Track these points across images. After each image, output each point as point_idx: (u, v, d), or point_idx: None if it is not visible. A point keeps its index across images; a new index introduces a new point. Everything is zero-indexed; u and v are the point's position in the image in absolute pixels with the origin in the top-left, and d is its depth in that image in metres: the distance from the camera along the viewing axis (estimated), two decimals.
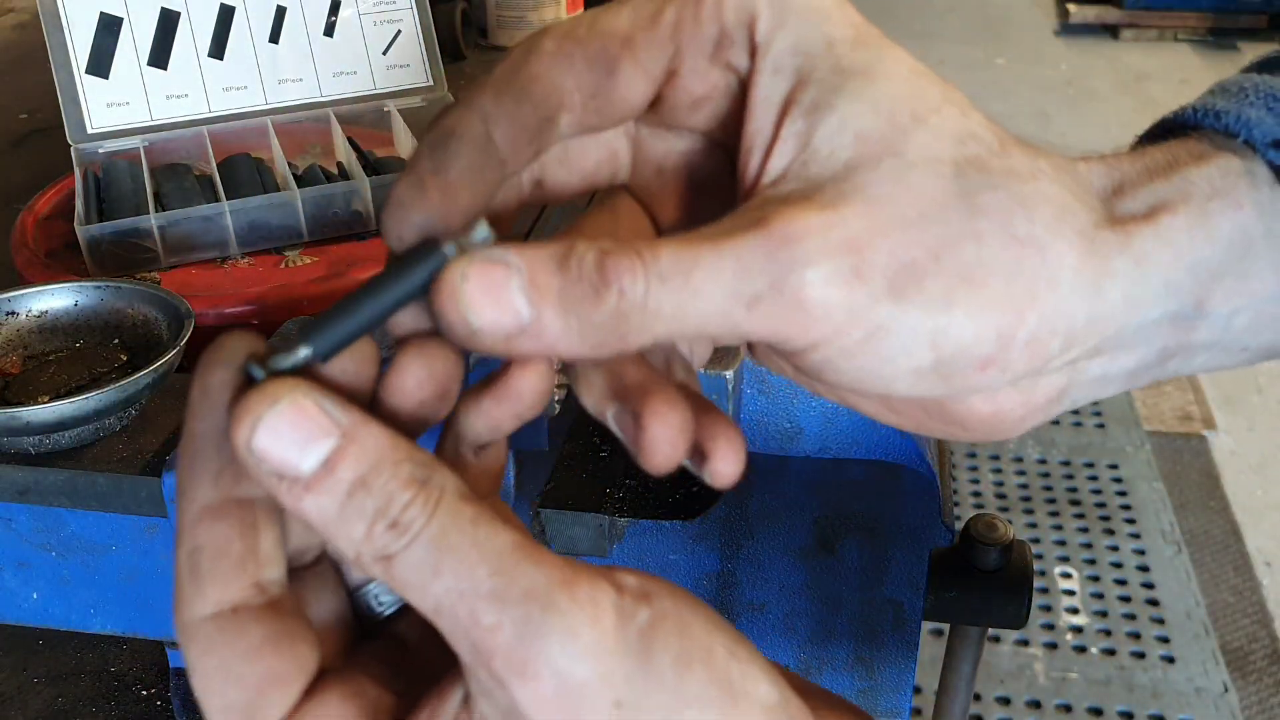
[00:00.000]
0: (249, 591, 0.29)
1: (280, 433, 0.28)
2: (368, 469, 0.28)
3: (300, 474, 0.28)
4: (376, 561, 0.28)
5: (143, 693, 0.71)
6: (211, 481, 0.29)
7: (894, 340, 0.30)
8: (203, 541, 0.29)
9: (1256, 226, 0.33)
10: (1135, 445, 2.65)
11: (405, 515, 0.28)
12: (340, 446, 0.28)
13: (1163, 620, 2.19)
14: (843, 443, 0.53)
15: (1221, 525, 2.44)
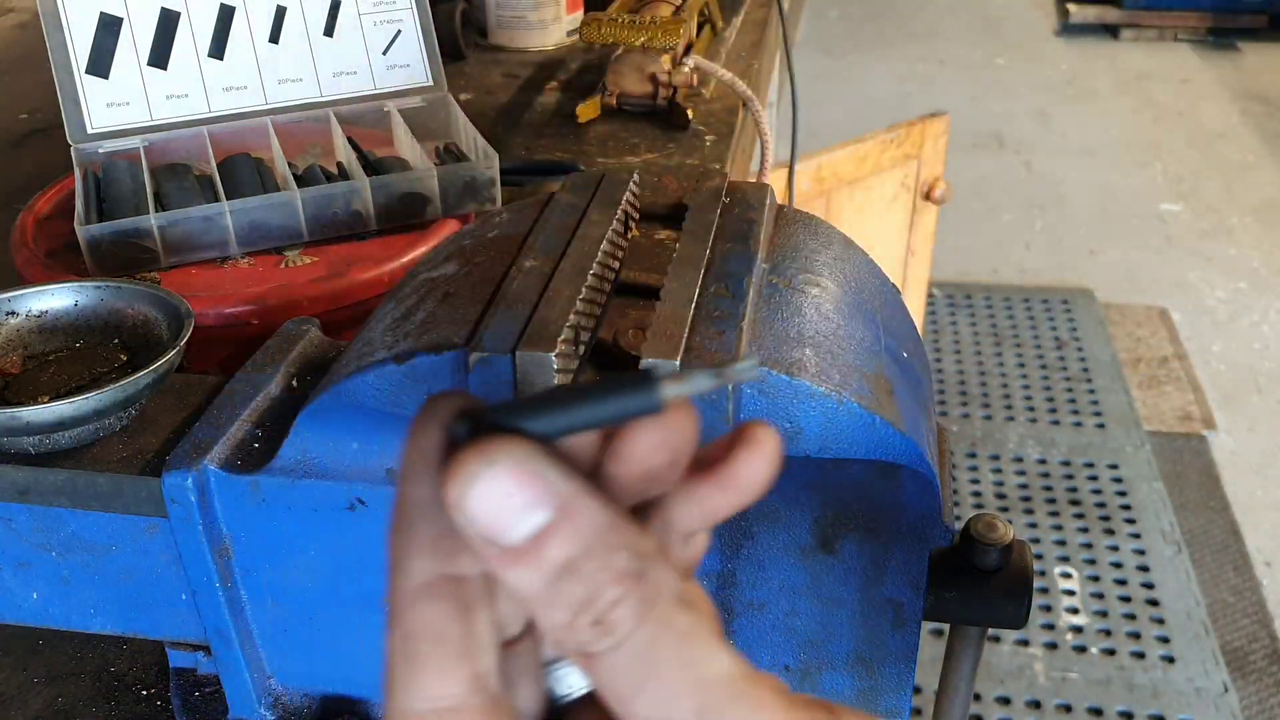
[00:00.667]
0: (465, 687, 0.27)
1: (493, 495, 0.25)
2: (580, 552, 0.25)
3: (509, 543, 0.25)
4: (577, 654, 0.26)
5: (143, 693, 0.71)
6: (429, 553, 0.27)
7: None
8: (419, 626, 0.26)
9: None
10: (1135, 445, 2.65)
11: (613, 614, 0.25)
12: (554, 521, 0.25)
13: (1163, 620, 2.19)
14: (843, 443, 0.53)
15: (1221, 525, 2.44)
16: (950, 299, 3.25)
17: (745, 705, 0.24)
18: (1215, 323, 3.15)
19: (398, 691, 0.27)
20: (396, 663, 0.27)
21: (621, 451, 0.28)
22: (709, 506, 0.29)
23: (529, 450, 0.26)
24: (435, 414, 0.27)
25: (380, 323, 0.58)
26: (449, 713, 0.26)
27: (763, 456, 0.28)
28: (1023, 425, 2.73)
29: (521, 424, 0.27)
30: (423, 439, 0.27)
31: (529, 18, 1.58)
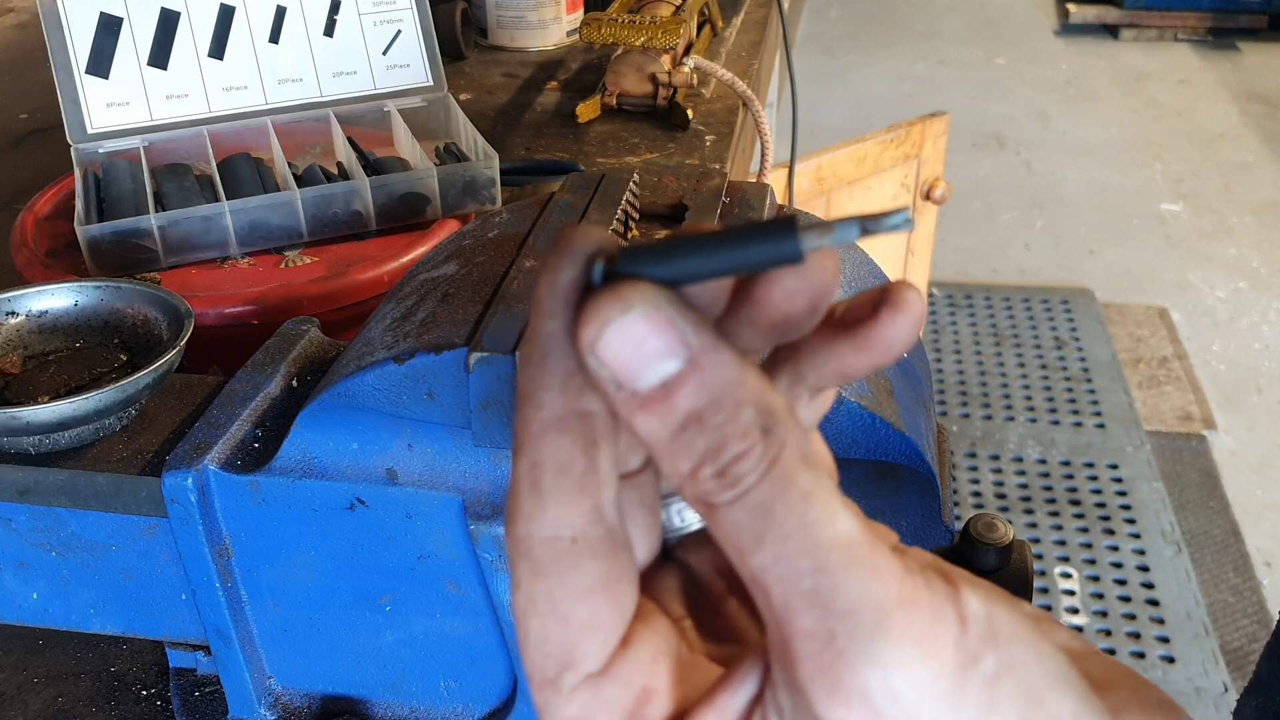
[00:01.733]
0: (588, 517, 0.27)
1: (626, 342, 0.25)
2: (707, 403, 0.25)
3: (638, 390, 0.26)
4: (697, 502, 0.26)
5: (143, 693, 0.71)
6: (559, 388, 0.27)
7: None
8: (546, 456, 0.27)
9: None
10: (1135, 445, 2.65)
11: (735, 468, 0.25)
12: (684, 372, 0.25)
13: (1163, 620, 2.19)
14: (843, 443, 0.53)
15: (1221, 525, 2.44)
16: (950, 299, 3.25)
17: (862, 569, 0.24)
18: (1215, 323, 3.15)
19: (520, 519, 0.27)
20: (522, 491, 0.27)
21: (759, 295, 0.28)
22: (845, 365, 0.29)
23: (664, 298, 0.26)
24: (573, 249, 0.27)
25: (380, 323, 0.58)
26: (569, 542, 0.27)
27: (910, 319, 0.28)
28: (1023, 425, 2.73)
29: (657, 269, 0.26)
30: (559, 274, 0.27)
31: (529, 18, 1.58)
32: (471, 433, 0.53)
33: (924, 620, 0.24)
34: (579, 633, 0.27)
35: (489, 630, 0.60)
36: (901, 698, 0.23)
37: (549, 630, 0.27)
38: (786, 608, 0.24)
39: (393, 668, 0.63)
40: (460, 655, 0.61)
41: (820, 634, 0.24)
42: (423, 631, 0.61)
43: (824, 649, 0.24)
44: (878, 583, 0.24)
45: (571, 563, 0.27)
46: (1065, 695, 0.25)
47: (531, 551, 0.27)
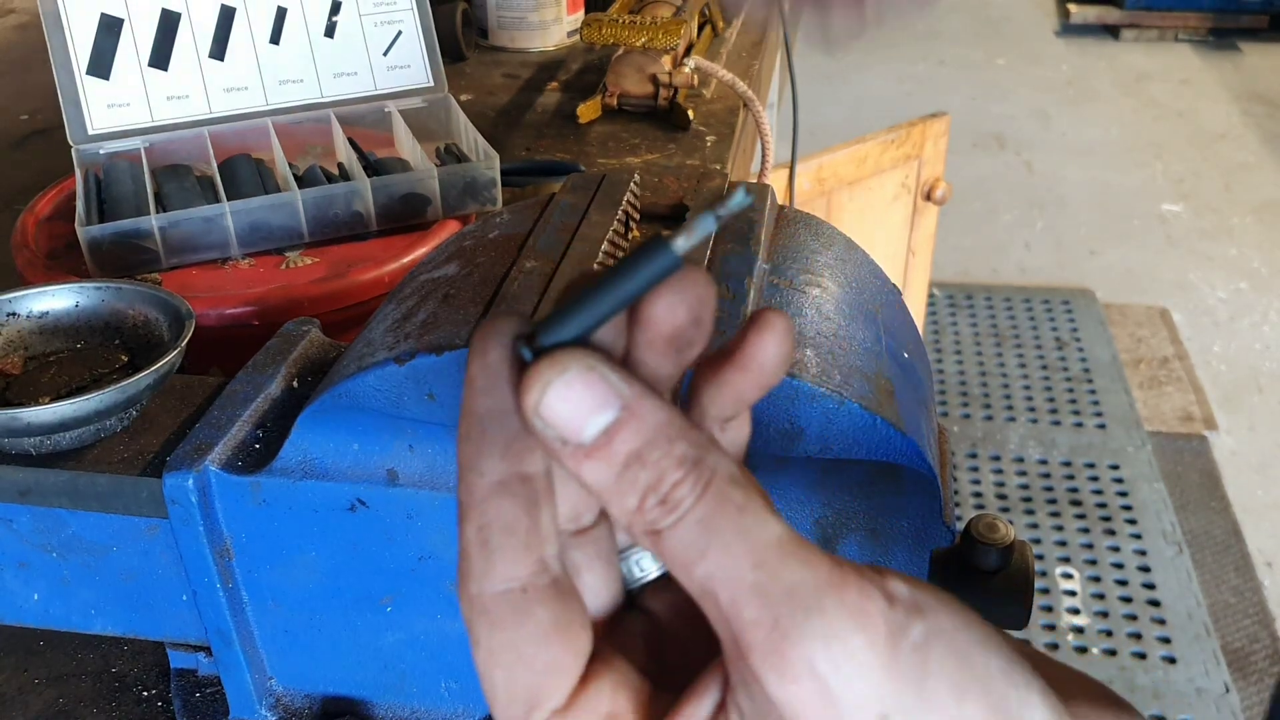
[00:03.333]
0: (535, 568, 0.30)
1: (567, 399, 0.28)
2: (643, 444, 0.28)
3: (581, 441, 0.28)
4: (646, 534, 0.29)
5: (144, 694, 0.71)
6: (500, 455, 0.30)
7: None
8: (491, 518, 0.30)
9: None
10: (1136, 446, 2.65)
11: (675, 494, 0.28)
12: (620, 419, 0.28)
13: (1164, 621, 2.19)
14: (843, 443, 0.53)
15: (1222, 526, 2.44)
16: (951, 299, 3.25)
17: (795, 560, 0.27)
18: (1216, 323, 3.15)
19: (473, 579, 0.30)
20: (472, 554, 0.30)
21: (646, 317, 0.31)
22: (736, 389, 0.32)
23: (594, 358, 0.29)
24: (494, 335, 0.30)
25: (381, 323, 0.58)
26: (519, 593, 0.30)
27: (774, 336, 0.31)
28: (1023, 425, 2.73)
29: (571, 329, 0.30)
30: (487, 355, 0.30)
31: (530, 18, 1.58)
32: None
33: (854, 598, 0.27)
34: (542, 674, 0.30)
35: None
36: (841, 667, 0.26)
37: (514, 676, 0.30)
38: (733, 603, 0.27)
39: (394, 668, 0.63)
40: (461, 656, 0.61)
41: (765, 620, 0.27)
42: (424, 632, 0.61)
43: (770, 633, 0.26)
44: (810, 571, 0.27)
45: (526, 611, 0.30)
46: (993, 654, 0.27)
47: (487, 607, 0.30)
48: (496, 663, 0.30)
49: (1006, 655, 0.27)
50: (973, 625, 0.28)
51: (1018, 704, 0.27)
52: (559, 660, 0.30)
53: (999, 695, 0.27)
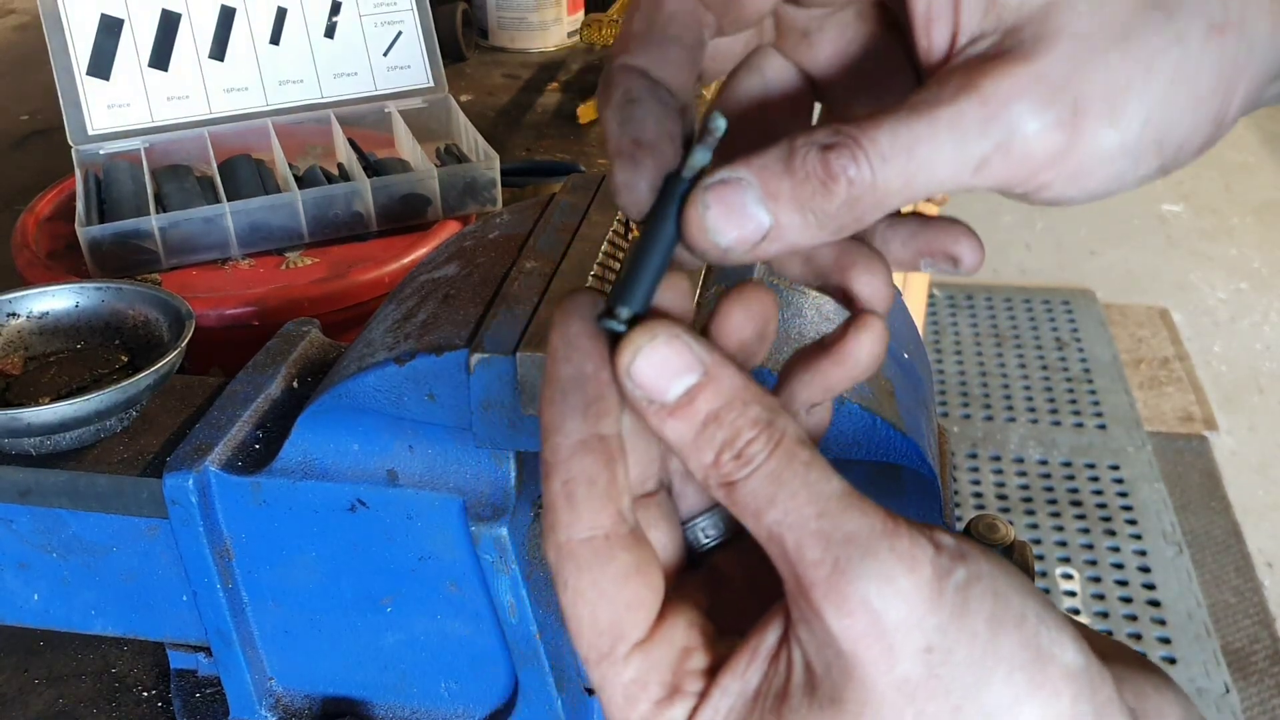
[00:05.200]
0: (615, 519, 0.33)
1: (654, 362, 0.32)
2: (721, 405, 0.32)
3: (666, 401, 0.32)
4: (720, 486, 0.32)
5: (143, 694, 0.71)
6: (581, 417, 0.33)
7: (1122, 159, 0.32)
8: (575, 473, 0.33)
9: None
10: (1136, 446, 2.65)
11: (749, 450, 0.31)
12: (701, 382, 0.32)
13: (1164, 621, 2.19)
14: (843, 443, 0.53)
15: (1223, 526, 2.44)
16: (951, 299, 3.25)
17: (855, 512, 0.30)
18: (1216, 323, 3.15)
19: (560, 528, 0.33)
20: (558, 506, 0.33)
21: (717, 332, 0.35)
22: (827, 380, 0.36)
23: (679, 328, 0.32)
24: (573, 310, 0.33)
25: (381, 324, 0.58)
26: (602, 539, 0.33)
27: (871, 336, 0.35)
28: (1024, 426, 2.73)
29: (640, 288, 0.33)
30: (569, 329, 0.33)
31: (530, 19, 1.58)
32: (472, 434, 0.53)
33: (905, 545, 0.30)
34: (624, 609, 0.33)
35: (490, 631, 0.60)
36: (892, 603, 0.29)
37: (599, 612, 0.33)
38: (798, 546, 0.30)
39: (393, 669, 0.63)
40: (461, 656, 0.61)
41: (826, 561, 0.30)
42: (424, 632, 0.61)
43: (830, 572, 0.29)
44: (867, 520, 0.30)
45: (609, 555, 0.33)
46: (1029, 600, 0.30)
47: (574, 552, 0.33)
48: (584, 601, 0.33)
49: (1042, 602, 0.30)
50: (1011, 574, 0.30)
51: (1048, 641, 0.30)
52: (639, 597, 0.33)
53: (1031, 632, 0.30)
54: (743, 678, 0.32)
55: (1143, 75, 0.31)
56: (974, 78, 0.32)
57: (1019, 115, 0.31)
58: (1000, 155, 0.32)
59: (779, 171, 0.32)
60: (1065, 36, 0.31)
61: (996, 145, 0.32)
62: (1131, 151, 0.32)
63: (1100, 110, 0.31)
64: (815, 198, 0.32)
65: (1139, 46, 0.31)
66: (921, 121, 0.32)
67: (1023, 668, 0.29)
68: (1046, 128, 0.31)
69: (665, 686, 0.33)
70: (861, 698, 0.30)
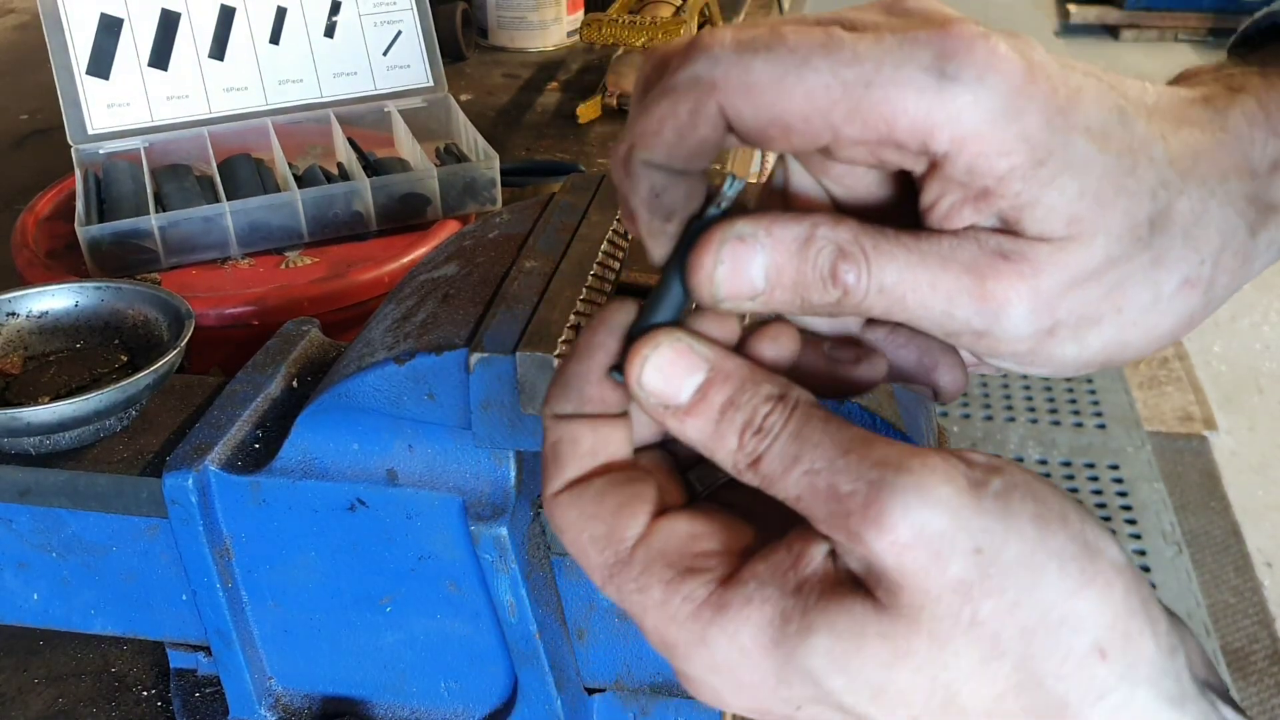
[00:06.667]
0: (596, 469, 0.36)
1: (662, 368, 0.34)
2: (733, 392, 0.33)
3: (680, 403, 0.34)
4: (748, 468, 0.33)
5: (143, 693, 0.71)
6: (574, 402, 0.36)
7: (1070, 368, 0.36)
8: (562, 435, 0.36)
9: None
10: (1136, 446, 2.65)
11: (768, 422, 0.33)
12: (710, 378, 0.34)
13: None
14: None
15: (1222, 526, 2.44)
16: None
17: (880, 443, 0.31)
18: (1216, 323, 3.15)
19: (549, 483, 0.36)
20: (547, 464, 0.36)
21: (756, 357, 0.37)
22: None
23: (680, 332, 0.34)
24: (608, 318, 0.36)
25: (381, 323, 0.58)
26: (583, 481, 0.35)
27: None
28: (1023, 426, 2.73)
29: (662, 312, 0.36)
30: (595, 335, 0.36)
31: (530, 18, 1.58)
32: (472, 433, 0.53)
33: (936, 460, 0.31)
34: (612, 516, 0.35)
35: (489, 631, 0.60)
36: (934, 510, 0.30)
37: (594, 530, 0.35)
38: (829, 485, 0.31)
39: (393, 668, 0.63)
40: (461, 656, 0.61)
41: (860, 487, 0.30)
42: (423, 632, 0.61)
43: (866, 496, 0.30)
44: (893, 448, 0.31)
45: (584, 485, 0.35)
46: (1067, 501, 0.31)
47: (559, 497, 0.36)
48: (577, 530, 0.35)
49: (1078, 504, 0.32)
50: (1045, 481, 0.32)
51: (1094, 537, 0.31)
52: (623, 500, 0.35)
53: (1076, 528, 0.31)
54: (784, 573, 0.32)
55: (1113, 314, 0.35)
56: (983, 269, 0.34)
57: (1006, 320, 0.35)
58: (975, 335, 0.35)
59: (792, 252, 0.34)
60: (1068, 269, 0.34)
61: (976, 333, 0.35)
62: (1082, 364, 0.36)
63: (1069, 333, 0.35)
64: (810, 289, 0.34)
65: (1119, 289, 0.35)
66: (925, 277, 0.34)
67: (1074, 559, 0.30)
68: (1024, 336, 0.35)
69: (674, 566, 0.34)
70: (919, 603, 0.30)
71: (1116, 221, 0.34)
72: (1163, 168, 0.36)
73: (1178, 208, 0.35)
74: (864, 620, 0.31)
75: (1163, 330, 0.36)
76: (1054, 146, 0.33)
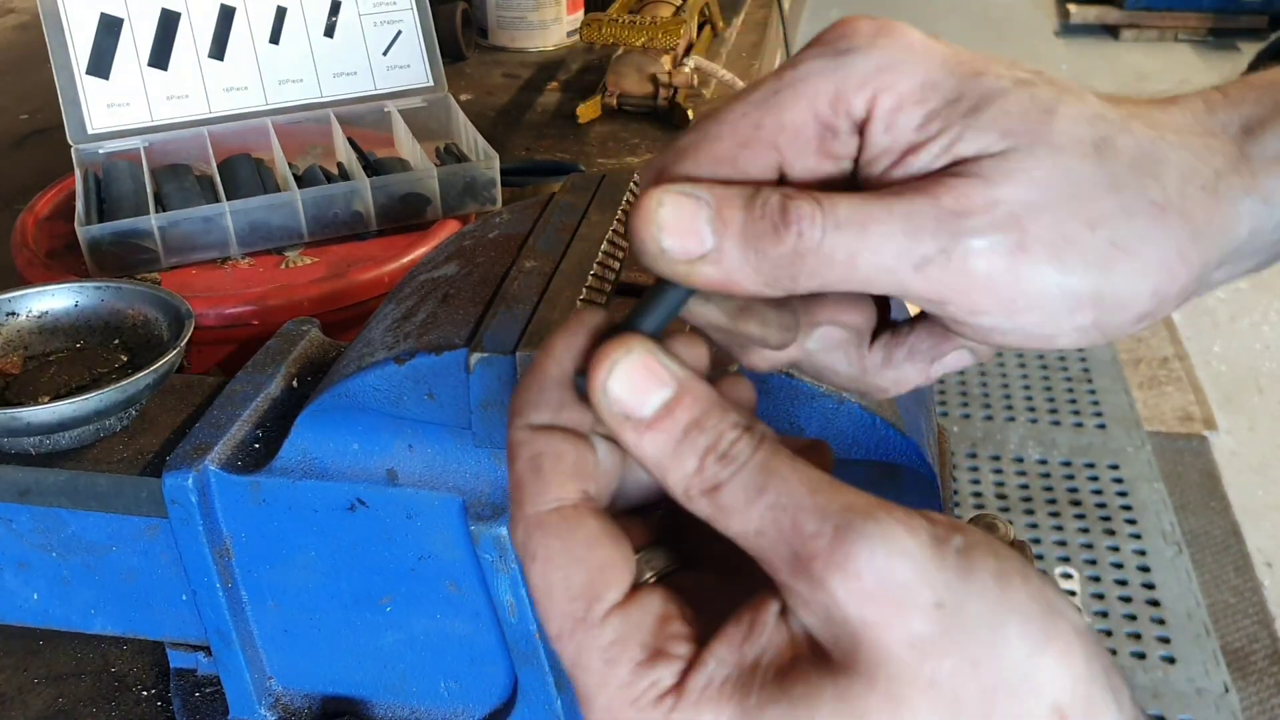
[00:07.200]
0: (583, 494, 0.33)
1: (631, 377, 0.32)
2: (701, 413, 0.32)
3: (643, 416, 0.32)
4: (703, 494, 0.32)
5: (143, 693, 0.71)
6: (552, 412, 0.34)
7: (1058, 303, 0.34)
8: (544, 449, 0.33)
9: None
10: (1136, 446, 2.65)
11: (734, 450, 0.31)
12: (678, 394, 0.32)
13: (1163, 621, 2.19)
14: (844, 443, 0.53)
15: (1222, 526, 2.44)
16: None
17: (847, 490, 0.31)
18: (1216, 323, 3.15)
19: (528, 501, 0.33)
20: (525, 480, 0.33)
21: None
22: None
23: (652, 344, 0.33)
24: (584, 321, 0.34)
25: (381, 323, 0.58)
26: (571, 508, 0.33)
27: None
28: (1023, 425, 2.73)
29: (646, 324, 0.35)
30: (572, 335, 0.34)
31: (530, 18, 1.58)
32: (472, 433, 0.53)
33: (900, 514, 0.30)
34: (597, 571, 0.32)
35: (489, 631, 0.60)
36: (898, 561, 0.29)
37: (573, 575, 0.32)
38: (794, 524, 0.30)
39: (393, 668, 0.63)
40: (460, 656, 0.61)
41: (826, 530, 0.30)
42: (423, 632, 0.61)
43: (831, 539, 0.29)
44: (860, 497, 0.30)
45: (579, 519, 0.33)
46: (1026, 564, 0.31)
47: (543, 521, 0.33)
48: (555, 567, 0.32)
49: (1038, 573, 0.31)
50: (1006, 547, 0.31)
51: (1055, 597, 0.30)
52: (612, 559, 0.33)
53: (1037, 587, 0.30)
54: (739, 648, 0.31)
55: (1087, 231, 0.34)
56: (931, 186, 0.33)
57: (968, 228, 0.33)
58: (943, 260, 0.33)
59: (737, 204, 0.33)
60: (1021, 177, 0.33)
61: (942, 249, 0.33)
62: (1069, 295, 0.34)
63: (1044, 251, 0.33)
64: (763, 239, 0.33)
65: (1086, 207, 0.34)
66: (879, 206, 0.33)
67: (1036, 618, 0.29)
68: (991, 248, 0.33)
69: (647, 648, 0.32)
70: (875, 659, 0.29)
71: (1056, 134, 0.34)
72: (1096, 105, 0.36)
73: (1121, 141, 0.35)
74: (819, 684, 0.30)
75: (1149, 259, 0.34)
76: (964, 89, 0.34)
